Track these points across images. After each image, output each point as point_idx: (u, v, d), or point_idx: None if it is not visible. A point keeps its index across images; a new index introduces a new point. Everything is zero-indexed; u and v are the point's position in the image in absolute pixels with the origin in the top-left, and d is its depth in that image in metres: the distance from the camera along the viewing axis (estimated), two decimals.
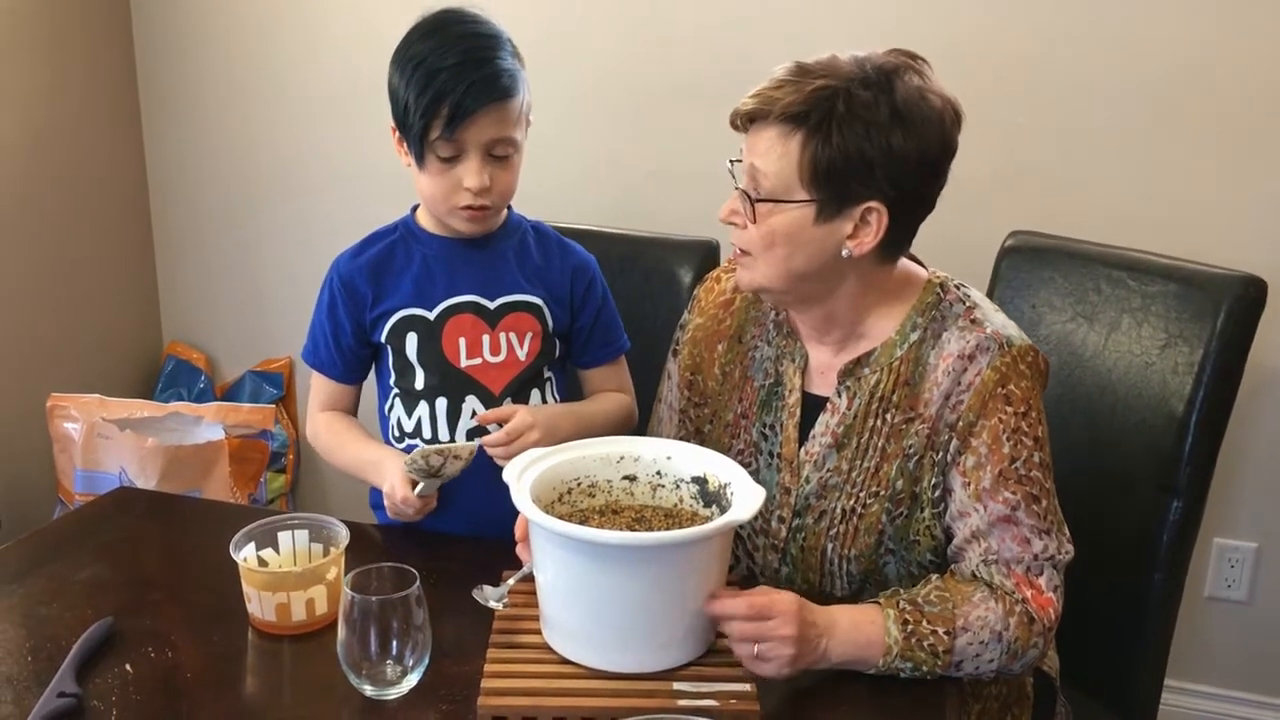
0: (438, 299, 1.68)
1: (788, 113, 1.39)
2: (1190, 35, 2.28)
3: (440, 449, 1.53)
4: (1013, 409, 1.43)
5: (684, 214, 2.06)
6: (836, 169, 1.39)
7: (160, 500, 1.97)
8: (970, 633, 1.36)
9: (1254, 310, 1.72)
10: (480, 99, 1.54)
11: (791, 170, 1.41)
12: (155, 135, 3.05)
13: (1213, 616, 2.54)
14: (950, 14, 2.39)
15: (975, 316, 1.49)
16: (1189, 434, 1.71)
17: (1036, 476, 1.43)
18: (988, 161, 2.44)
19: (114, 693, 1.29)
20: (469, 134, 1.56)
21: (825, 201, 1.41)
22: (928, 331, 1.49)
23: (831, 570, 1.52)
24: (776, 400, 1.57)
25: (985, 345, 1.45)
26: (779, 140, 1.41)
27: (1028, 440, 1.43)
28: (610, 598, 1.29)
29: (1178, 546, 1.74)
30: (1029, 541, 1.42)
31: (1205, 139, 2.32)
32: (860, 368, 1.51)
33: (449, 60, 1.54)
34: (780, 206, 1.43)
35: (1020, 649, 1.39)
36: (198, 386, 3.09)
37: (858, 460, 1.50)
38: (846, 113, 1.38)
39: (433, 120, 1.55)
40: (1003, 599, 1.40)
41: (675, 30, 2.57)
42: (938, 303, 1.51)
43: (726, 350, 1.64)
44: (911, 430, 1.48)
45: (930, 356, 1.48)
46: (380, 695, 1.25)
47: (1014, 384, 1.44)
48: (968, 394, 1.44)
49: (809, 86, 1.39)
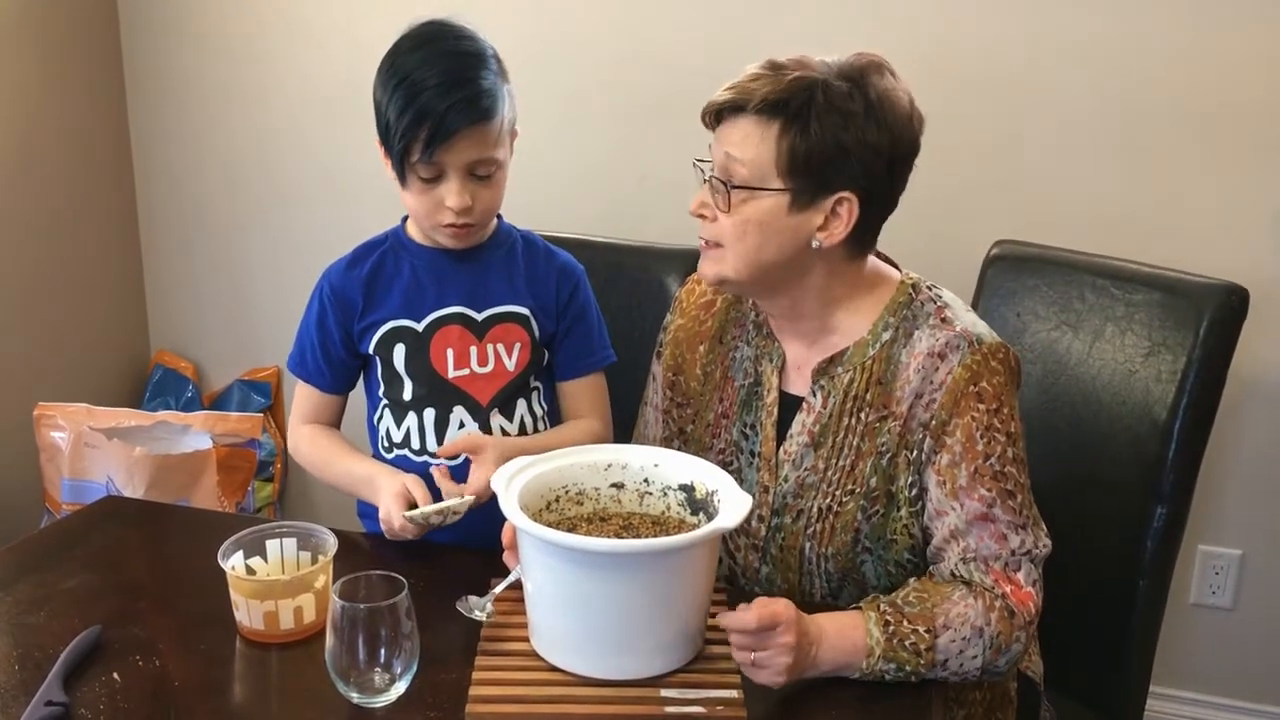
0: (426, 310, 1.68)
1: (767, 101, 1.42)
2: (1174, 45, 2.29)
3: (440, 509, 1.54)
4: (985, 406, 1.44)
5: (672, 223, 2.06)
6: (814, 158, 1.42)
7: (148, 509, 1.97)
8: (952, 630, 1.37)
9: (1236, 318, 1.74)
10: (460, 120, 1.53)
11: (769, 159, 1.43)
12: (142, 143, 3.05)
13: (1197, 623, 2.55)
14: (936, 24, 2.41)
15: (946, 315, 1.50)
16: (1172, 441, 1.72)
17: (1011, 472, 1.45)
18: (973, 171, 2.45)
19: (101, 701, 1.29)
20: (449, 156, 1.55)
21: (800, 191, 1.43)
22: (899, 331, 1.51)
23: (810, 569, 1.53)
24: (756, 400, 1.59)
25: (955, 343, 1.47)
26: (756, 129, 1.43)
27: (1001, 437, 1.45)
28: (598, 605, 1.30)
29: (1162, 553, 1.75)
30: (1006, 537, 1.43)
31: (1189, 149, 2.33)
32: (834, 366, 1.52)
33: (431, 79, 1.53)
34: (755, 195, 1.45)
35: (1004, 644, 1.40)
36: (185, 395, 3.09)
37: (833, 459, 1.52)
38: (825, 102, 1.41)
39: (413, 142, 1.54)
40: (982, 595, 1.41)
41: (663, 40, 2.58)
42: (909, 302, 1.53)
43: (708, 351, 1.65)
44: (885, 428, 1.49)
45: (902, 355, 1.49)
46: (368, 703, 1.26)
47: (986, 381, 1.45)
48: (940, 392, 1.46)
49: (787, 77, 1.43)
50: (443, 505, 1.55)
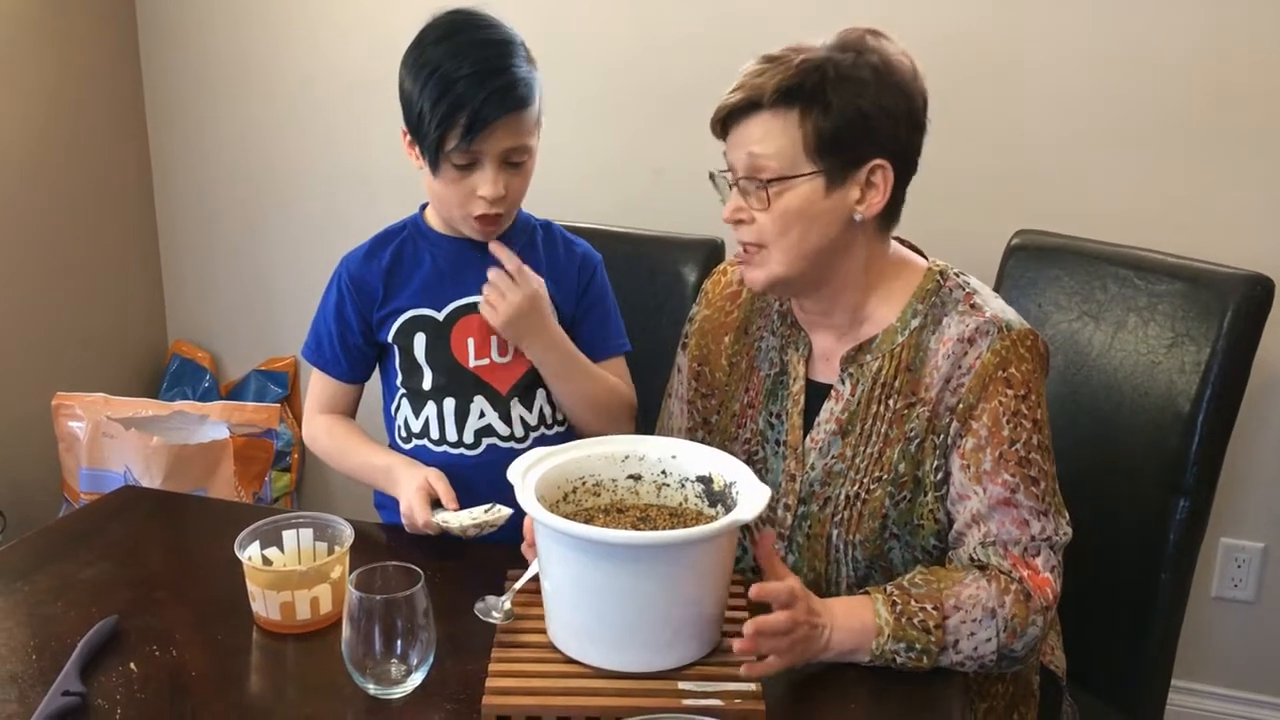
0: (446, 300, 1.68)
1: (780, 88, 1.42)
2: (1198, 33, 2.27)
3: (478, 523, 1.54)
4: (1013, 391, 1.44)
5: (690, 213, 2.05)
6: (840, 132, 1.42)
7: (165, 499, 1.97)
8: (962, 610, 1.37)
9: (1261, 309, 1.72)
10: (498, 109, 1.54)
11: (795, 145, 1.43)
12: (160, 133, 3.05)
13: (1219, 616, 2.53)
14: (955, 12, 2.39)
15: (975, 302, 1.50)
16: (1195, 433, 1.71)
17: (1036, 459, 1.44)
18: (994, 161, 2.44)
19: (118, 691, 1.29)
20: (486, 144, 1.56)
21: (833, 169, 1.44)
22: (928, 318, 1.50)
23: (838, 557, 1.53)
24: (782, 389, 1.58)
25: (985, 329, 1.46)
26: (775, 121, 1.43)
27: (1027, 423, 1.44)
28: (615, 597, 1.29)
29: (1184, 546, 1.73)
30: (1027, 523, 1.43)
31: (1212, 138, 2.31)
32: (863, 354, 1.52)
33: (465, 69, 1.53)
34: (790, 184, 1.44)
35: (1019, 626, 1.39)
36: (203, 385, 3.10)
37: (861, 446, 1.51)
38: (837, 77, 1.42)
39: (449, 131, 1.54)
40: (997, 578, 1.40)
41: (681, 30, 2.57)
42: (938, 289, 1.52)
43: (733, 341, 1.64)
44: (913, 415, 1.48)
45: (931, 341, 1.49)
46: (384, 694, 1.25)
47: (1014, 367, 1.45)
48: (968, 377, 1.45)
49: (793, 62, 1.43)
50: (479, 519, 1.54)
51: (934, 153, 1.51)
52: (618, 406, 1.73)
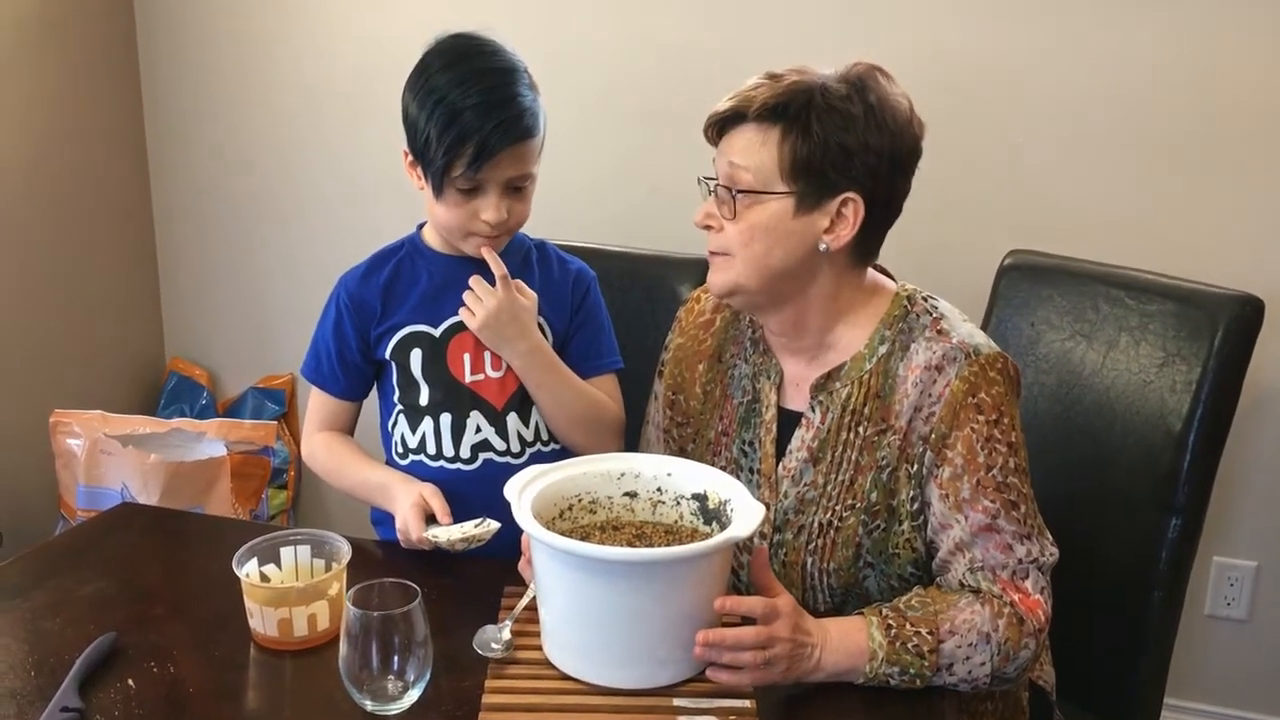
0: (443, 316, 1.69)
1: (767, 106, 1.43)
2: (1190, 55, 2.29)
3: (466, 536, 1.54)
4: (984, 417, 1.44)
5: (685, 232, 2.05)
6: (816, 159, 1.43)
7: (162, 516, 1.97)
8: (958, 636, 1.37)
9: (1251, 329, 1.73)
10: (504, 139, 1.56)
11: (772, 163, 1.44)
12: (158, 150, 3.07)
13: (1212, 635, 2.54)
14: (948, 32, 2.41)
15: (942, 327, 1.50)
16: (1187, 452, 1.72)
17: (1014, 483, 1.44)
18: (986, 181, 2.45)
19: (117, 707, 1.30)
20: (492, 173, 1.58)
21: (804, 193, 1.44)
22: (895, 344, 1.51)
23: (813, 585, 1.53)
24: (755, 417, 1.59)
25: (952, 355, 1.47)
26: (757, 135, 1.45)
27: (1002, 447, 1.44)
28: (611, 614, 1.30)
29: (1177, 565, 1.74)
30: (1011, 548, 1.43)
31: (1203, 159, 2.33)
32: (832, 382, 1.52)
33: (471, 99, 1.55)
34: (760, 199, 1.45)
35: (1012, 650, 1.39)
36: (200, 403, 3.10)
37: (833, 474, 1.51)
38: (824, 104, 1.43)
39: (456, 159, 1.56)
40: (990, 602, 1.40)
41: (676, 48, 2.59)
42: (905, 315, 1.52)
43: (707, 369, 1.65)
44: (884, 442, 1.49)
45: (899, 369, 1.49)
46: (382, 711, 1.26)
47: (984, 392, 1.45)
48: (939, 405, 1.45)
49: (785, 82, 1.45)
50: (469, 533, 1.55)
51: (928, 172, 1.52)
52: (604, 422, 1.73)
